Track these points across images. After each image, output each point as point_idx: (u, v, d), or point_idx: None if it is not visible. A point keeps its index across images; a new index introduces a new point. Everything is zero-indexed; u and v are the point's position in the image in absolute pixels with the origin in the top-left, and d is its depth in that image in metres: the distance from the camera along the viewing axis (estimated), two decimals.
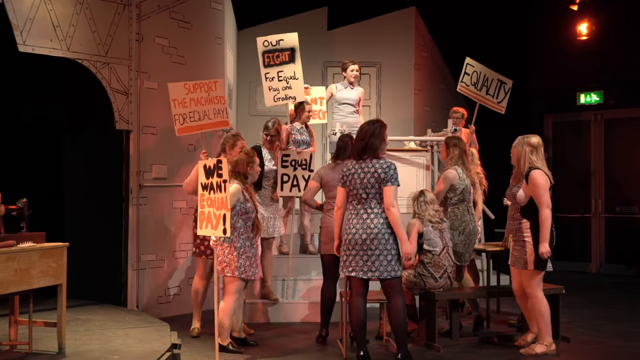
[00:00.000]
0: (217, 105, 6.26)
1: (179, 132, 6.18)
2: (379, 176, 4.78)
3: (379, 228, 4.78)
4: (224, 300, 5.27)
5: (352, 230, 4.84)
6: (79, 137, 7.25)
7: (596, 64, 10.25)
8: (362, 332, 4.90)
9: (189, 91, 6.14)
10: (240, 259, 5.22)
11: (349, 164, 4.95)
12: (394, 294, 4.85)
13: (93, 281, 6.76)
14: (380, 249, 4.77)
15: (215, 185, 4.97)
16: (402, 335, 4.85)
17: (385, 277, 4.80)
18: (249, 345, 5.52)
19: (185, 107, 6.10)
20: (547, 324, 5.18)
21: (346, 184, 4.91)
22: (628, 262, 9.89)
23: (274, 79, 6.91)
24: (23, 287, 4.52)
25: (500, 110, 7.27)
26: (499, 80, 7.21)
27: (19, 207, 4.81)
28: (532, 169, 5.12)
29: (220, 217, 4.92)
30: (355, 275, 4.84)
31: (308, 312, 6.58)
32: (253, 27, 9.26)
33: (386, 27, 9.85)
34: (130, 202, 6.63)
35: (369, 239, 4.77)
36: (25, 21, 5.80)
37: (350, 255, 4.85)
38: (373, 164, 4.82)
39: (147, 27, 6.79)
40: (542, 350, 5.20)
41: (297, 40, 6.85)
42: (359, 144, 4.90)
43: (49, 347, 4.89)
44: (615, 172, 10.19)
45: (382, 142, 4.87)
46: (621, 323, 6.54)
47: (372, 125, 4.92)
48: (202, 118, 6.18)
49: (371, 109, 9.83)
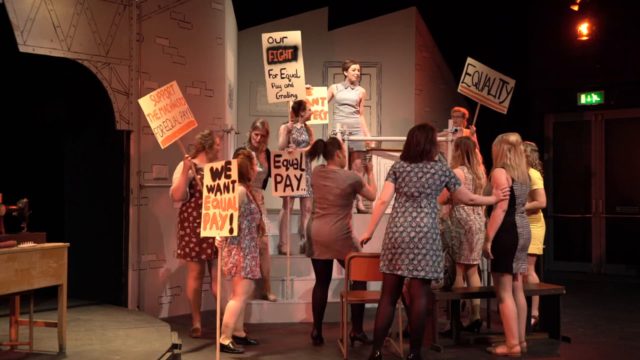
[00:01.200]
0: (180, 107, 6.05)
1: (162, 143, 5.95)
2: (439, 178, 4.84)
3: (429, 227, 4.78)
4: (233, 300, 5.29)
5: (399, 228, 4.81)
6: (79, 138, 7.25)
7: (597, 64, 10.25)
8: (384, 333, 4.92)
9: (156, 101, 5.92)
10: (247, 259, 5.24)
11: (404, 163, 4.95)
12: (421, 295, 4.84)
13: (93, 281, 6.77)
14: (427, 248, 4.76)
15: (222, 186, 4.97)
16: (419, 337, 4.85)
17: (430, 277, 4.80)
18: (250, 344, 5.54)
19: (159, 119, 5.91)
20: (510, 328, 5.16)
21: (397, 180, 4.91)
22: (629, 262, 9.88)
23: (277, 76, 6.92)
24: (24, 287, 4.52)
25: (502, 111, 7.26)
26: (501, 80, 7.19)
27: (20, 208, 4.81)
28: (499, 167, 5.17)
29: (227, 217, 4.92)
30: (401, 274, 4.80)
31: (307, 312, 6.58)
32: (254, 27, 9.26)
33: (387, 27, 9.84)
34: (131, 202, 6.63)
35: (418, 237, 4.76)
36: (25, 21, 5.80)
37: (397, 254, 4.80)
38: (432, 165, 4.88)
39: (148, 27, 6.79)
40: (503, 351, 5.22)
41: (300, 38, 6.87)
42: (415, 148, 4.90)
43: (50, 348, 4.89)
44: (616, 172, 10.18)
45: (434, 146, 4.95)
46: (622, 323, 6.54)
47: (425, 130, 4.95)
48: (174, 125, 5.99)
49: (372, 109, 9.82)
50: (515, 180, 5.13)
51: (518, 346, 5.19)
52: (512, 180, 5.12)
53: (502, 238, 5.14)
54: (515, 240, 5.13)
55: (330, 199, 5.48)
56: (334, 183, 5.48)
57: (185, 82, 6.90)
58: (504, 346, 5.24)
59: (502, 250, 5.15)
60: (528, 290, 5.81)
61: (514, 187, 5.12)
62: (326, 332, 5.71)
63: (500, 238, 5.14)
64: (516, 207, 5.17)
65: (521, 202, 5.21)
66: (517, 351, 5.18)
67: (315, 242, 5.53)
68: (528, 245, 5.26)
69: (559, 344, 5.64)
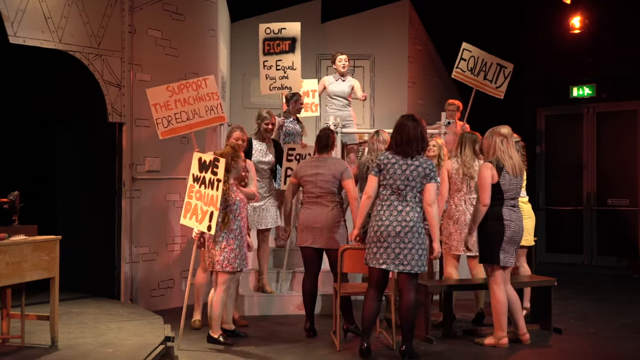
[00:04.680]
0: (209, 102, 6.08)
1: (162, 135, 5.99)
2: (423, 171, 4.81)
3: (414, 221, 4.78)
4: (214, 291, 5.31)
5: (384, 222, 4.79)
6: (71, 130, 7.21)
7: (589, 57, 10.28)
8: (372, 325, 4.92)
9: (173, 92, 5.94)
10: (224, 253, 5.21)
11: (388, 154, 4.90)
12: (410, 289, 4.85)
13: (86, 274, 6.74)
14: (413, 242, 4.76)
15: (207, 181, 4.99)
16: (410, 330, 4.87)
17: (416, 271, 4.80)
18: (239, 336, 5.53)
19: (170, 109, 5.91)
20: (499, 320, 5.19)
21: (382, 173, 4.87)
22: (619, 254, 9.94)
23: (271, 68, 6.89)
24: (15, 280, 4.50)
25: (499, 96, 7.22)
26: (498, 64, 7.14)
27: (11, 200, 4.79)
28: (487, 162, 5.19)
29: (207, 213, 4.94)
30: (387, 268, 4.80)
31: (300, 304, 6.57)
32: (247, 19, 9.23)
33: (380, 20, 9.83)
34: (123, 194, 6.61)
35: (404, 231, 4.76)
36: (16, 12, 5.75)
37: (382, 248, 4.80)
38: (417, 158, 4.84)
39: (140, 19, 6.75)
40: (491, 342, 5.26)
41: (299, 30, 6.84)
42: (405, 140, 4.84)
43: (42, 341, 4.87)
44: (607, 164, 10.23)
45: (425, 141, 4.92)
46: (612, 315, 6.59)
47: (414, 121, 4.89)
48: (191, 117, 6.00)
49: (365, 102, 9.79)
50: (504, 174, 5.12)
51: (506, 338, 5.22)
52: (499, 174, 5.12)
53: (488, 229, 5.16)
54: (501, 232, 5.11)
55: (324, 187, 5.49)
56: (326, 169, 5.51)
57: (177, 74, 6.86)
58: (492, 337, 5.27)
59: (488, 242, 5.17)
60: (520, 282, 5.84)
61: (500, 181, 5.11)
62: (319, 325, 5.72)
63: (486, 229, 5.17)
64: (504, 200, 5.14)
65: (511, 195, 5.17)
66: (505, 342, 5.21)
67: (310, 230, 5.50)
68: (517, 240, 5.21)
69: (550, 335, 5.67)
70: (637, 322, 6.25)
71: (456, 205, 5.87)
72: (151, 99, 5.95)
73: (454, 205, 5.87)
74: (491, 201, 5.11)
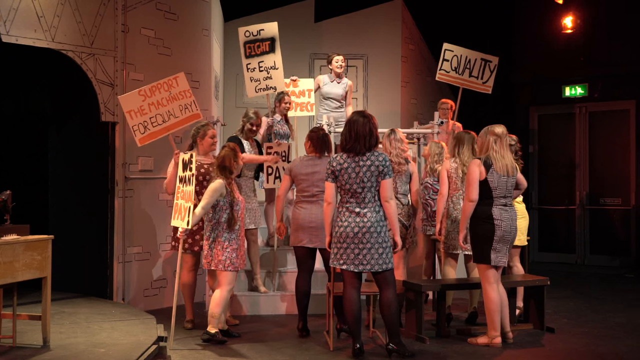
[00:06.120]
0: (182, 100, 5.92)
1: (140, 142, 5.83)
2: (377, 169, 4.78)
3: (372, 222, 4.78)
4: (218, 289, 5.31)
5: (343, 223, 4.83)
6: (64, 129, 7.19)
7: (581, 57, 10.31)
8: (357, 325, 4.89)
9: (146, 96, 5.77)
10: (226, 253, 5.24)
11: (339, 158, 4.88)
12: (386, 286, 4.86)
13: (78, 274, 6.72)
14: (372, 242, 4.77)
15: (186, 178, 5.04)
16: (395, 327, 4.87)
17: (377, 270, 4.81)
18: (232, 337, 5.52)
19: (145, 114, 5.75)
20: (492, 319, 5.20)
21: (337, 179, 4.88)
22: (612, 254, 9.99)
23: (255, 70, 6.90)
24: (7, 280, 4.48)
25: (487, 91, 7.22)
26: (482, 59, 7.14)
27: (3, 199, 4.76)
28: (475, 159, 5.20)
29: (187, 209, 4.96)
30: (347, 268, 4.83)
31: (294, 304, 6.56)
32: (240, 19, 9.21)
33: (373, 20, 9.84)
34: (116, 194, 6.59)
35: (361, 232, 4.78)
36: (8, 11, 5.72)
37: (342, 249, 4.84)
38: (368, 157, 4.81)
39: (133, 18, 6.73)
40: (484, 341, 5.26)
41: (277, 29, 6.84)
42: (354, 136, 4.81)
43: (34, 341, 4.86)
44: (600, 164, 10.27)
45: (374, 137, 4.84)
46: (605, 314, 6.61)
47: (364, 117, 4.86)
48: (167, 119, 5.84)
49: (358, 101, 9.82)
50: (492, 171, 5.12)
51: (499, 337, 5.23)
52: (487, 171, 5.12)
53: (478, 228, 5.17)
54: (491, 232, 5.11)
55: (321, 186, 5.46)
56: (323, 168, 5.49)
57: (170, 74, 6.78)
58: (485, 337, 5.28)
59: (478, 241, 5.17)
60: (513, 281, 5.86)
61: (488, 178, 5.11)
62: (312, 324, 5.72)
63: (477, 228, 5.18)
64: (494, 199, 5.14)
65: (501, 194, 5.15)
66: (498, 342, 5.22)
67: (305, 229, 5.49)
68: (509, 239, 5.20)
69: (543, 334, 5.69)
70: (630, 321, 6.27)
71: (454, 205, 5.88)
72: (124, 106, 5.75)
73: (452, 204, 5.88)
74: (481, 200, 5.12)
